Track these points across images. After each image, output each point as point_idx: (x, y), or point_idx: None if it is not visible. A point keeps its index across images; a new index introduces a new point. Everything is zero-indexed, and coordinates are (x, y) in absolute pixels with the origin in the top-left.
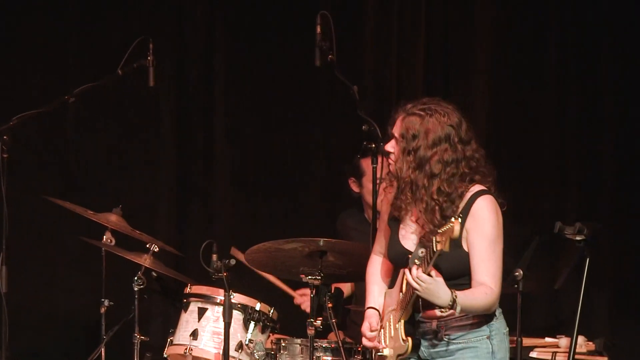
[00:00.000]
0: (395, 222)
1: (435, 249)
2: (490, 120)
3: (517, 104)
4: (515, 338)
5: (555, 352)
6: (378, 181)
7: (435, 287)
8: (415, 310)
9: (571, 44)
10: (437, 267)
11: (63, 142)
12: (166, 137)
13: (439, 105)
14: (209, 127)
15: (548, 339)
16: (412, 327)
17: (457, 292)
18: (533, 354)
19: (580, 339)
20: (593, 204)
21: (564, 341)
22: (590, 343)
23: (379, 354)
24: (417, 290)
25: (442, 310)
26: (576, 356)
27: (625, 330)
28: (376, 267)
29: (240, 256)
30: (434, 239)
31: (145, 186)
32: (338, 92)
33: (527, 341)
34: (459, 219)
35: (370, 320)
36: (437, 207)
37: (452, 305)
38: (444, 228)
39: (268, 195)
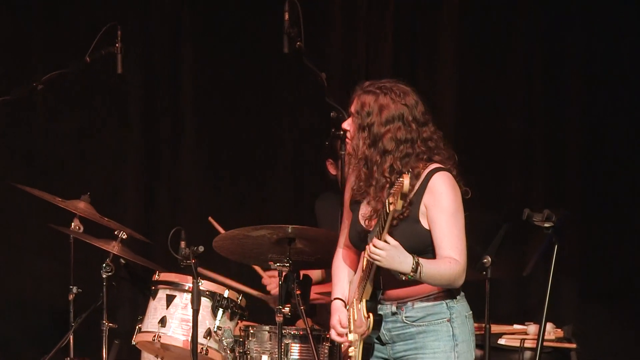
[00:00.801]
0: (356, 205)
1: (388, 210)
2: (458, 107)
3: (485, 91)
4: (483, 325)
5: (524, 339)
6: (346, 169)
7: (395, 252)
8: (376, 287)
9: (539, 30)
10: None
11: (31, 129)
12: (134, 123)
13: (395, 86)
14: (177, 114)
15: (516, 326)
16: (375, 304)
17: (419, 257)
18: (501, 341)
19: (549, 326)
20: (561, 191)
21: (532, 328)
22: (559, 330)
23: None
24: (377, 260)
25: (407, 276)
26: (544, 343)
27: (594, 317)
28: (341, 259)
29: (218, 227)
30: (386, 202)
31: (113, 173)
32: (306, 79)
33: (495, 328)
34: (408, 174)
35: (341, 315)
36: (387, 185)
37: (416, 269)
38: (394, 188)
39: (236, 183)
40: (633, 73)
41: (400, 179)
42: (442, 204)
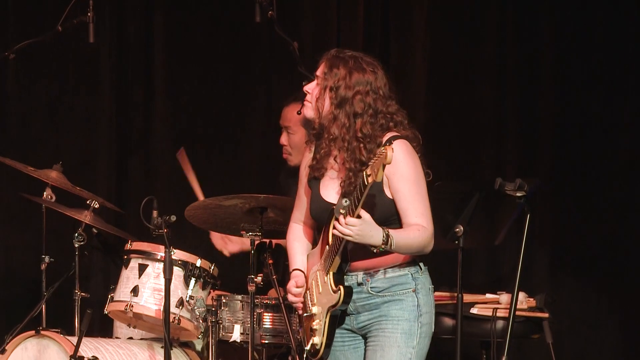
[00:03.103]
0: (315, 180)
1: (366, 182)
2: (431, 77)
3: (457, 61)
4: (455, 294)
5: (496, 309)
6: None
7: (366, 228)
8: (343, 260)
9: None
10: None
11: (3, 98)
12: (106, 93)
13: (364, 55)
14: (149, 83)
15: (489, 295)
16: (342, 276)
17: (389, 229)
18: (474, 310)
19: (521, 295)
20: (533, 161)
21: (504, 297)
22: (531, 299)
23: (306, 314)
24: (349, 237)
25: (378, 249)
26: (517, 312)
27: (566, 286)
28: (296, 233)
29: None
30: (363, 174)
31: (86, 142)
32: (278, 48)
33: (467, 297)
34: (392, 145)
35: (297, 279)
36: (361, 146)
37: (387, 241)
38: (374, 160)
39: (208, 152)
40: (607, 43)
41: (383, 150)
42: (402, 173)
